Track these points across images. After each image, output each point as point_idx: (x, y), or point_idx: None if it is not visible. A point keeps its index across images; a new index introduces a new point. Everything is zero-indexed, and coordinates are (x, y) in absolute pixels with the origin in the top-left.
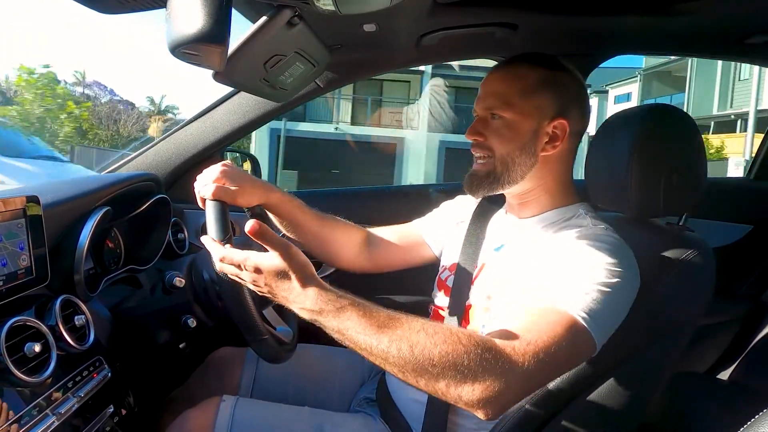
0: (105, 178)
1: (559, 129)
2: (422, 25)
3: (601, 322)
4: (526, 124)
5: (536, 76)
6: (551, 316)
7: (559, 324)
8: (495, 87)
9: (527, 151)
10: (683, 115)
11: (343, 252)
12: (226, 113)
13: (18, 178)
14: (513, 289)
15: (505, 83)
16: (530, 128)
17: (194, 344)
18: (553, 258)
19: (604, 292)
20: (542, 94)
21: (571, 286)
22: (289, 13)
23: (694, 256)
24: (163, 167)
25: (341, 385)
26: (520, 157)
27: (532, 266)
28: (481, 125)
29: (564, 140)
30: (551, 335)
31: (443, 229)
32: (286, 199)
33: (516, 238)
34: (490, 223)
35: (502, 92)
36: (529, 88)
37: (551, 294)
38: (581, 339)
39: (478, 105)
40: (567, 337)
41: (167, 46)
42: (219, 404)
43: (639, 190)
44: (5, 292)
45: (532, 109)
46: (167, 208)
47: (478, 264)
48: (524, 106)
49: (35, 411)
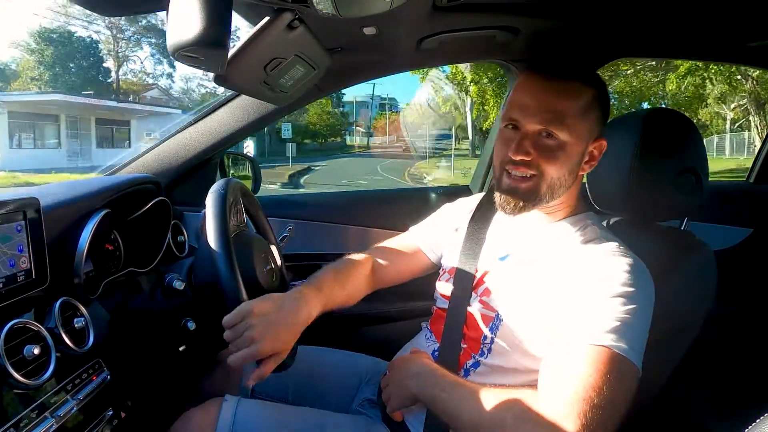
0: (105, 180)
1: (597, 149)
2: (422, 29)
3: (638, 347)
4: (578, 146)
5: (589, 96)
6: (592, 356)
7: (603, 362)
8: (549, 102)
9: (573, 172)
10: (684, 118)
11: (360, 292)
12: (226, 116)
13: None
14: (524, 305)
15: (561, 101)
16: (580, 150)
17: (194, 347)
18: (572, 283)
19: (633, 315)
20: (593, 115)
21: (602, 318)
22: (290, 16)
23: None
24: (163, 169)
25: (340, 386)
26: (568, 180)
27: (547, 286)
28: (531, 143)
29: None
30: (599, 378)
31: (440, 235)
32: (320, 304)
33: (523, 248)
34: (491, 226)
35: (560, 110)
36: (583, 109)
37: (584, 330)
38: (627, 371)
39: (527, 118)
40: (614, 374)
41: (168, 48)
42: (221, 404)
43: (641, 193)
44: (5, 294)
45: (583, 130)
46: (167, 211)
47: (479, 269)
48: (580, 127)
49: (34, 414)
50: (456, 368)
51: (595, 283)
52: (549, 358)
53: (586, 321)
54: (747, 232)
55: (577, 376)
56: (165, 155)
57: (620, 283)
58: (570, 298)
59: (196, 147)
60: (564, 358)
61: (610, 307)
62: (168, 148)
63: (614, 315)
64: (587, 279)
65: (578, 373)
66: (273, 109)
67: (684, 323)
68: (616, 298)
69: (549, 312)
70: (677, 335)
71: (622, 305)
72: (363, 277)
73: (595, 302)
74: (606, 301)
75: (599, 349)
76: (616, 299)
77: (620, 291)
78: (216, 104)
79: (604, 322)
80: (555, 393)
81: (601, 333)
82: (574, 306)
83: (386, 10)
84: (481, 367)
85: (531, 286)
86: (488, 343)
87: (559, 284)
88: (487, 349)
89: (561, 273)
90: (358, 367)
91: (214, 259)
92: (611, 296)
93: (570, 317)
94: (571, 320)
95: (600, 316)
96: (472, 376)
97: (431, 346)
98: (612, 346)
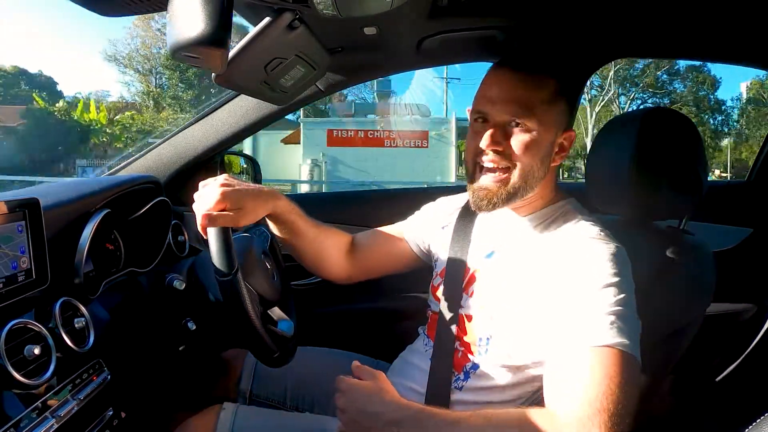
0: (105, 180)
1: (567, 140)
2: (422, 28)
3: (635, 338)
4: (547, 135)
5: (553, 86)
6: (598, 359)
7: (610, 365)
8: (516, 93)
9: (545, 163)
10: (684, 118)
11: (331, 260)
12: (226, 116)
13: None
14: (515, 301)
15: (527, 91)
16: (550, 140)
17: (194, 347)
18: (558, 274)
19: (625, 306)
20: (560, 104)
21: (598, 315)
22: (290, 16)
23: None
24: (164, 170)
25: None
26: (539, 170)
27: (534, 281)
28: (500, 134)
29: (568, 150)
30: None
31: (426, 232)
32: (289, 207)
33: (507, 243)
34: (475, 225)
35: (526, 99)
36: (548, 98)
37: (583, 331)
38: (632, 367)
39: (495, 109)
40: (622, 374)
41: (168, 48)
42: (219, 412)
43: (640, 192)
44: (5, 294)
45: (551, 119)
46: (167, 211)
47: (468, 270)
48: (547, 117)
49: (35, 414)
50: (452, 372)
51: (581, 275)
52: (553, 367)
53: (583, 320)
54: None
55: (589, 385)
56: (165, 155)
57: (606, 273)
58: (558, 291)
59: (197, 147)
60: (570, 366)
61: (602, 301)
62: (168, 149)
63: (608, 309)
64: (572, 270)
65: (589, 382)
66: (273, 109)
67: (682, 323)
68: (606, 289)
69: (540, 306)
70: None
71: (613, 296)
72: (338, 240)
73: (586, 297)
74: (596, 294)
75: (604, 350)
76: (605, 291)
77: (608, 281)
78: (216, 104)
79: (601, 319)
80: (570, 409)
81: (601, 332)
82: (564, 300)
83: (386, 10)
84: (480, 369)
85: (518, 281)
86: (484, 344)
87: (545, 277)
88: (484, 350)
89: (546, 265)
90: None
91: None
92: (600, 288)
93: (563, 313)
94: (565, 317)
95: (595, 313)
96: (472, 378)
97: (429, 351)
98: (615, 344)
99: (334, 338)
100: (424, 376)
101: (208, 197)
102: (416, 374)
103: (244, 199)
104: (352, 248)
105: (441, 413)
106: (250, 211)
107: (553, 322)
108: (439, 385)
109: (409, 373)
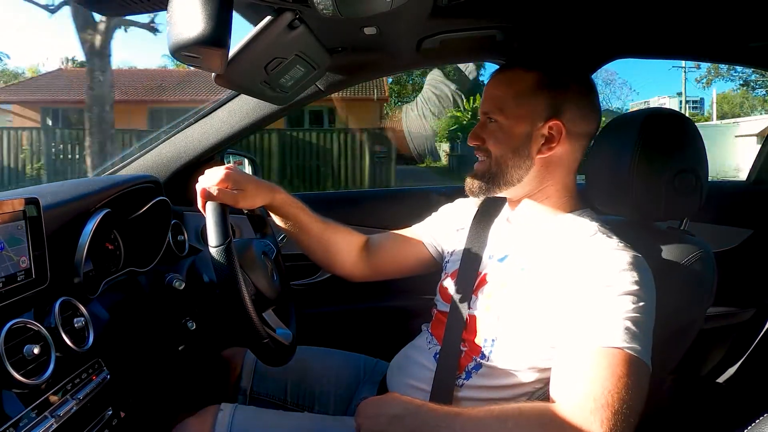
0: (105, 180)
1: (554, 130)
2: (423, 28)
3: (649, 346)
4: (519, 127)
5: (530, 80)
6: (608, 359)
7: (619, 365)
8: (492, 92)
9: (521, 153)
10: (684, 118)
11: (343, 257)
12: (226, 116)
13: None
14: (525, 306)
15: (501, 88)
16: (523, 131)
17: (194, 347)
18: (574, 281)
19: (642, 313)
20: (536, 97)
21: (613, 318)
22: (290, 16)
23: (696, 260)
24: (164, 169)
25: (338, 386)
26: (514, 159)
27: (547, 286)
28: (480, 129)
29: (561, 141)
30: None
31: (442, 234)
32: (290, 200)
33: (520, 248)
34: (491, 229)
35: (498, 97)
36: (522, 93)
37: (596, 331)
38: (642, 372)
39: (480, 109)
40: (631, 377)
41: (168, 48)
42: (217, 413)
43: (641, 193)
44: (5, 293)
45: (524, 112)
46: (167, 211)
47: (480, 272)
48: (517, 110)
49: (34, 413)
50: (457, 371)
51: (600, 282)
52: (561, 363)
53: (597, 322)
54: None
55: (595, 381)
56: (165, 155)
57: (626, 280)
58: (574, 297)
59: (197, 147)
60: (578, 363)
61: (619, 307)
62: (168, 148)
63: (624, 315)
64: (591, 277)
65: (596, 378)
66: (273, 109)
67: (683, 324)
68: (624, 296)
69: (551, 312)
70: (676, 336)
71: (631, 303)
72: (348, 238)
73: (603, 302)
74: (614, 300)
75: (614, 351)
76: (623, 298)
77: (627, 289)
78: (216, 104)
79: (616, 322)
80: (574, 402)
81: (614, 334)
82: (579, 306)
83: (386, 10)
84: (482, 369)
85: (530, 286)
86: (489, 346)
87: (560, 283)
88: (489, 351)
89: (561, 271)
90: (356, 368)
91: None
92: (618, 295)
93: (577, 317)
94: (578, 320)
95: (610, 317)
96: (474, 378)
97: (432, 349)
98: (626, 348)
99: (335, 338)
100: (427, 373)
101: (212, 175)
102: (419, 372)
103: (246, 183)
104: (367, 248)
105: (441, 407)
106: (249, 195)
107: (565, 325)
108: (445, 384)
109: (412, 370)
